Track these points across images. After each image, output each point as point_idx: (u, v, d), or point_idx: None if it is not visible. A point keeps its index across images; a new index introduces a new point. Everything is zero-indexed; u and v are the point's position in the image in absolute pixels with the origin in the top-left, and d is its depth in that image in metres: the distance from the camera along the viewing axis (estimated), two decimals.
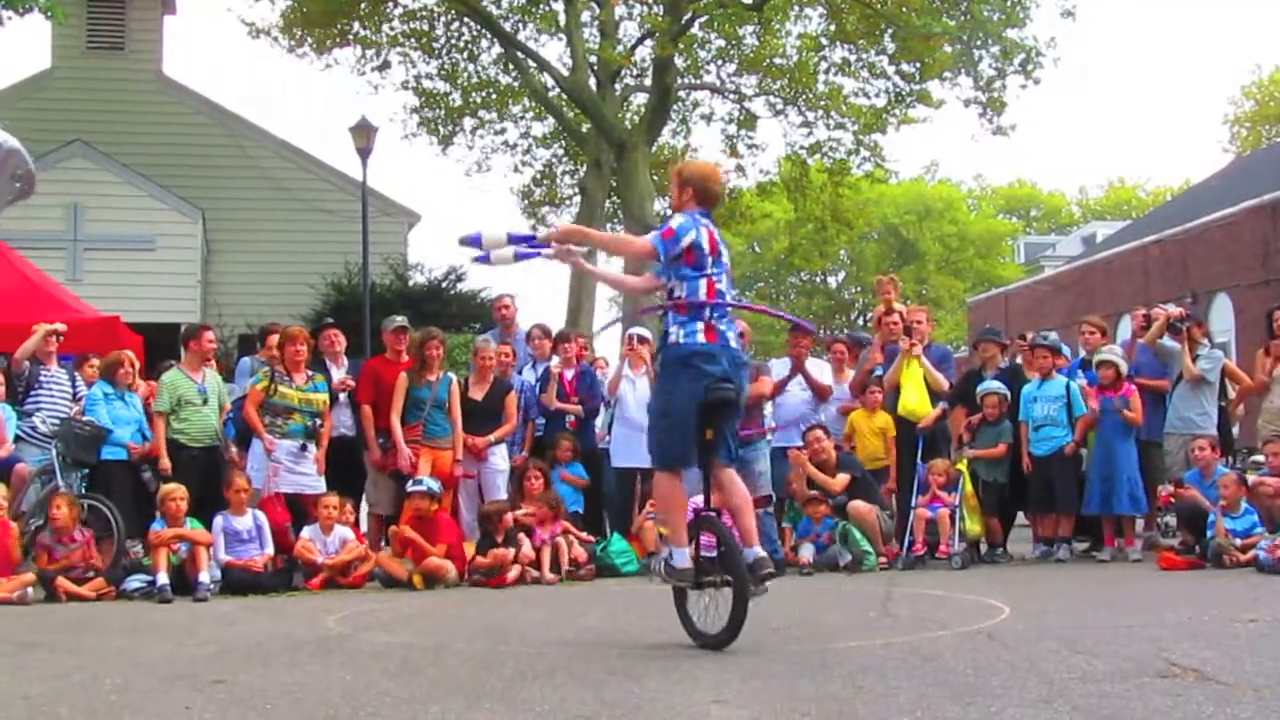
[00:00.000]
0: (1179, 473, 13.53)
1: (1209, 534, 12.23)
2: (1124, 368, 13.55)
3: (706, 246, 7.72)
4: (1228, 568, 11.78)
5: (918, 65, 28.59)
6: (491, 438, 13.36)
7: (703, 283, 7.69)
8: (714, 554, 7.94)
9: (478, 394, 13.50)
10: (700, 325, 7.62)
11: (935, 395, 13.88)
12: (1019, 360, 14.76)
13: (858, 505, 13.12)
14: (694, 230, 7.72)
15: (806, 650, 7.49)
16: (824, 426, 13.66)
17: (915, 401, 13.79)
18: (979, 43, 28.37)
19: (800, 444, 13.70)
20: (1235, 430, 14.83)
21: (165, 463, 12.50)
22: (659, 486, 8.26)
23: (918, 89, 29.68)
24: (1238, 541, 11.98)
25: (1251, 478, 12.66)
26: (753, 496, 12.75)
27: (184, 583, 11.35)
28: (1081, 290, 36.89)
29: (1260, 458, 13.21)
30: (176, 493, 11.74)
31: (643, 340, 14.35)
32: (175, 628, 9.36)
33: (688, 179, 8.10)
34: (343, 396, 13.48)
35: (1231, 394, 14.17)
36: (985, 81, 28.74)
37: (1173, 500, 13.83)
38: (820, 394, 14.15)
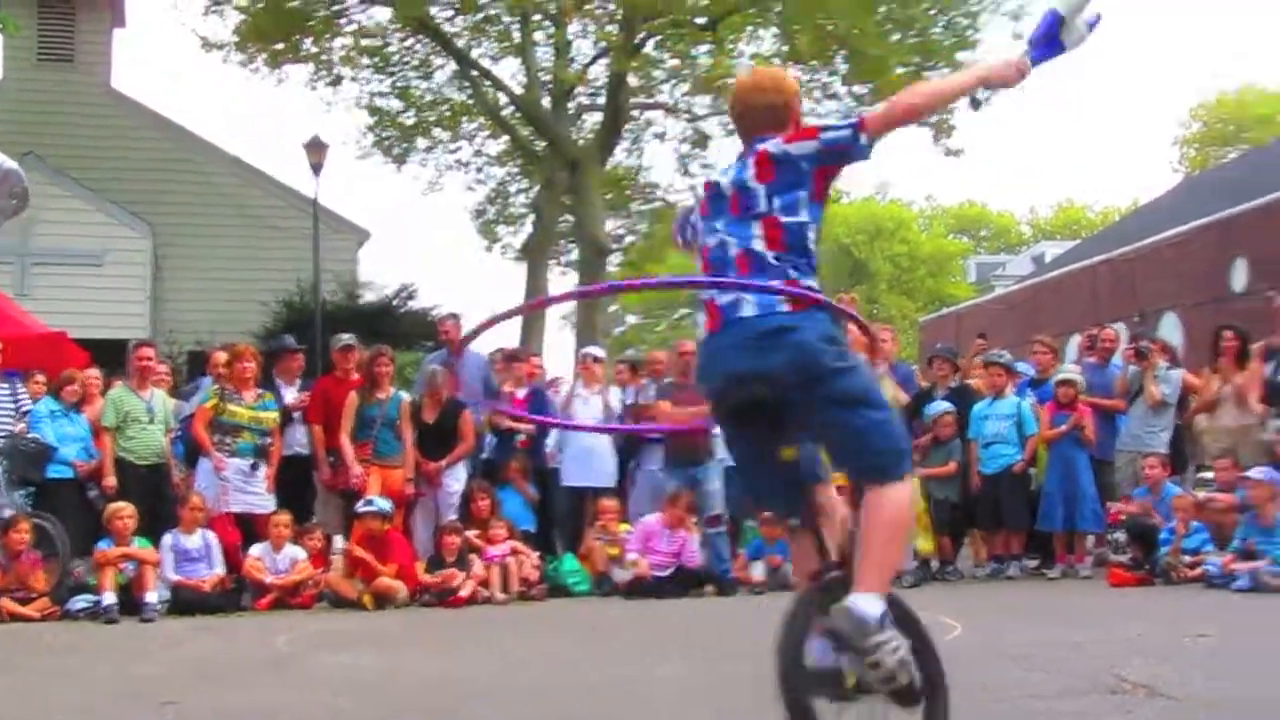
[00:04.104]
0: (1129, 489, 13.62)
1: (1159, 550, 12.29)
2: (1083, 386, 13.67)
3: (698, 209, 5.21)
4: (1177, 583, 11.86)
5: (870, 87, 28.67)
6: (444, 463, 13.28)
7: (698, 258, 5.13)
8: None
9: (430, 416, 13.42)
10: (702, 313, 4.92)
11: None
12: (969, 380, 14.80)
13: None
14: (702, 191, 5.26)
15: (760, 669, 7.47)
16: None
17: None
18: (930, 65, 28.49)
19: None
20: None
21: (111, 480, 12.38)
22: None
23: (870, 111, 29.78)
24: (1187, 558, 12.05)
25: (1201, 494, 12.74)
26: (705, 516, 12.88)
27: (131, 602, 11.22)
28: (1032, 309, 37.10)
29: (1209, 474, 13.30)
30: (124, 511, 11.61)
31: (596, 359, 14.36)
32: (123, 648, 9.29)
33: (730, 116, 5.61)
34: (297, 415, 13.40)
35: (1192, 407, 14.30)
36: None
37: (1122, 517, 13.89)
38: None
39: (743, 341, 4.64)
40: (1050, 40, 5.11)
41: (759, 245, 4.79)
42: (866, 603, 4.41)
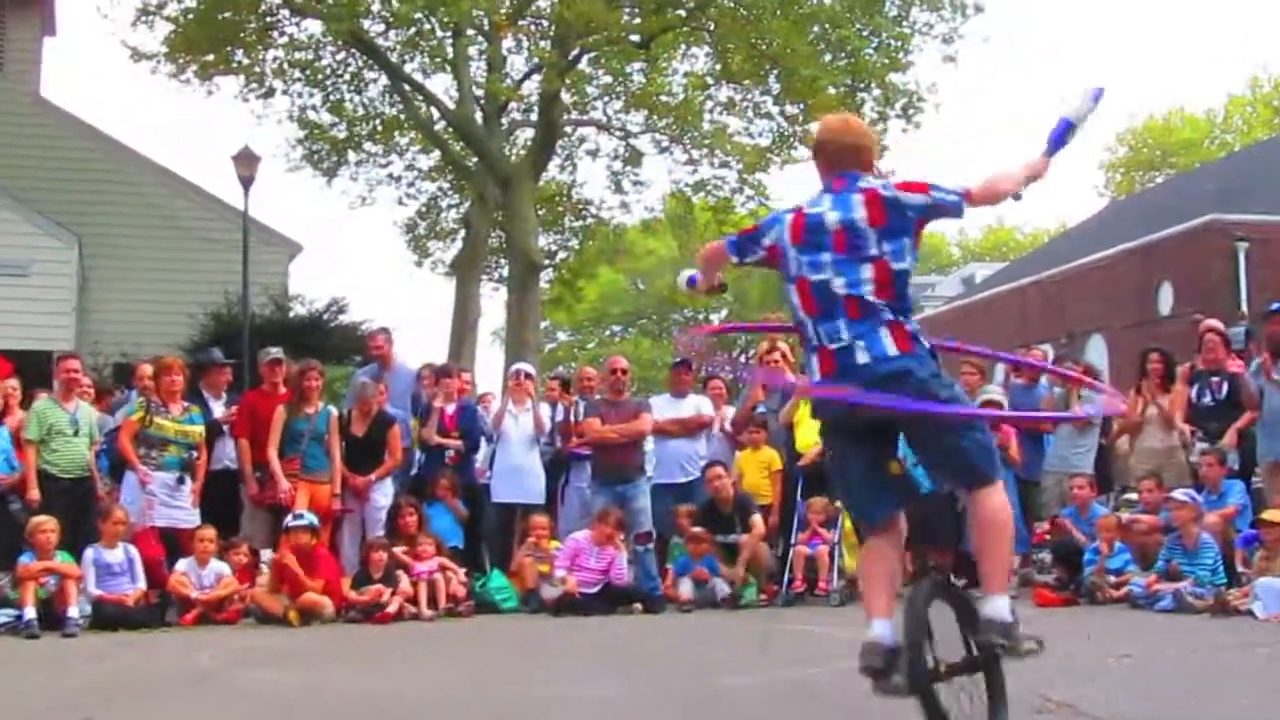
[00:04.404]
0: (1055, 510, 13.72)
1: (1084, 570, 12.38)
2: (1005, 406, 13.73)
3: (789, 241, 5.57)
4: (1102, 603, 11.94)
5: (802, 106, 28.82)
6: (373, 477, 13.22)
7: (794, 290, 5.55)
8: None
9: (359, 429, 13.35)
10: (814, 356, 5.47)
11: None
12: None
13: (752, 541, 13.17)
14: (777, 226, 5.67)
15: (688, 688, 7.48)
16: (723, 463, 13.69)
17: (812, 439, 13.82)
18: (862, 86, 28.68)
19: (682, 480, 13.76)
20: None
21: (34, 494, 12.22)
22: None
23: (801, 130, 29.91)
24: (1112, 578, 12.14)
25: (1126, 515, 12.84)
26: (634, 533, 12.89)
27: (52, 617, 11.07)
28: (961, 330, 37.27)
29: (1134, 495, 13.41)
30: (46, 524, 11.44)
31: (528, 375, 14.34)
32: (44, 663, 9.19)
33: (815, 151, 5.94)
34: (225, 429, 13.30)
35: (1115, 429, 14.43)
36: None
37: (1048, 537, 13.99)
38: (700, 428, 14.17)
39: (863, 385, 5.22)
40: (1062, 138, 5.91)
41: (869, 290, 5.34)
42: (1001, 607, 5.23)
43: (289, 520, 12.23)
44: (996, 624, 5.17)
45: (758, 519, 13.29)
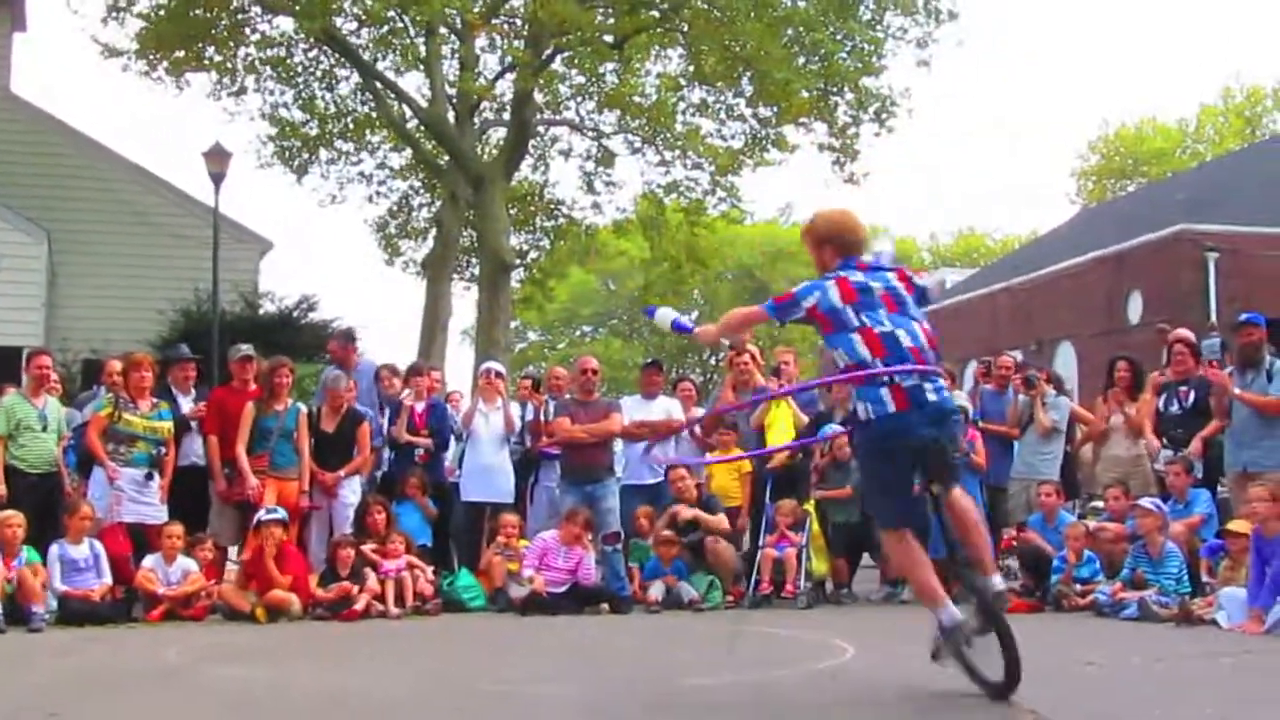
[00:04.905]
0: (1021, 516, 13.78)
1: (1051, 578, 12.42)
2: (970, 412, 13.77)
3: (839, 300, 6.80)
4: (1067, 611, 11.98)
5: (775, 109, 28.85)
6: (342, 473, 13.21)
7: (857, 337, 6.77)
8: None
9: (329, 426, 13.34)
10: (884, 390, 6.68)
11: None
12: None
13: (715, 543, 13.20)
14: (817, 292, 6.88)
15: (653, 688, 7.50)
16: (687, 465, 13.73)
17: (784, 441, 13.86)
18: (836, 90, 28.73)
19: (651, 481, 13.79)
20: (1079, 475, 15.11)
21: (1, 489, 12.17)
22: (891, 552, 7.36)
23: (774, 132, 29.95)
24: (1078, 586, 12.18)
25: (1092, 523, 12.88)
26: (602, 534, 12.92)
27: (17, 612, 11.02)
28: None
29: (1100, 503, 13.46)
30: (13, 519, 11.38)
31: (498, 375, 14.33)
32: (8, 659, 9.14)
33: (823, 236, 7.24)
34: (195, 424, 13.27)
35: (1079, 437, 14.49)
36: (840, 128, 29.08)
37: (1015, 544, 14.03)
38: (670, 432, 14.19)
39: (930, 418, 6.67)
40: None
41: (924, 340, 6.84)
42: (998, 581, 7.00)
43: (261, 514, 12.21)
44: (1003, 595, 6.95)
45: (722, 518, 13.33)
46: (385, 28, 29.22)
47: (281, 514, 12.24)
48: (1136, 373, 13.86)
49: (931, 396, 6.71)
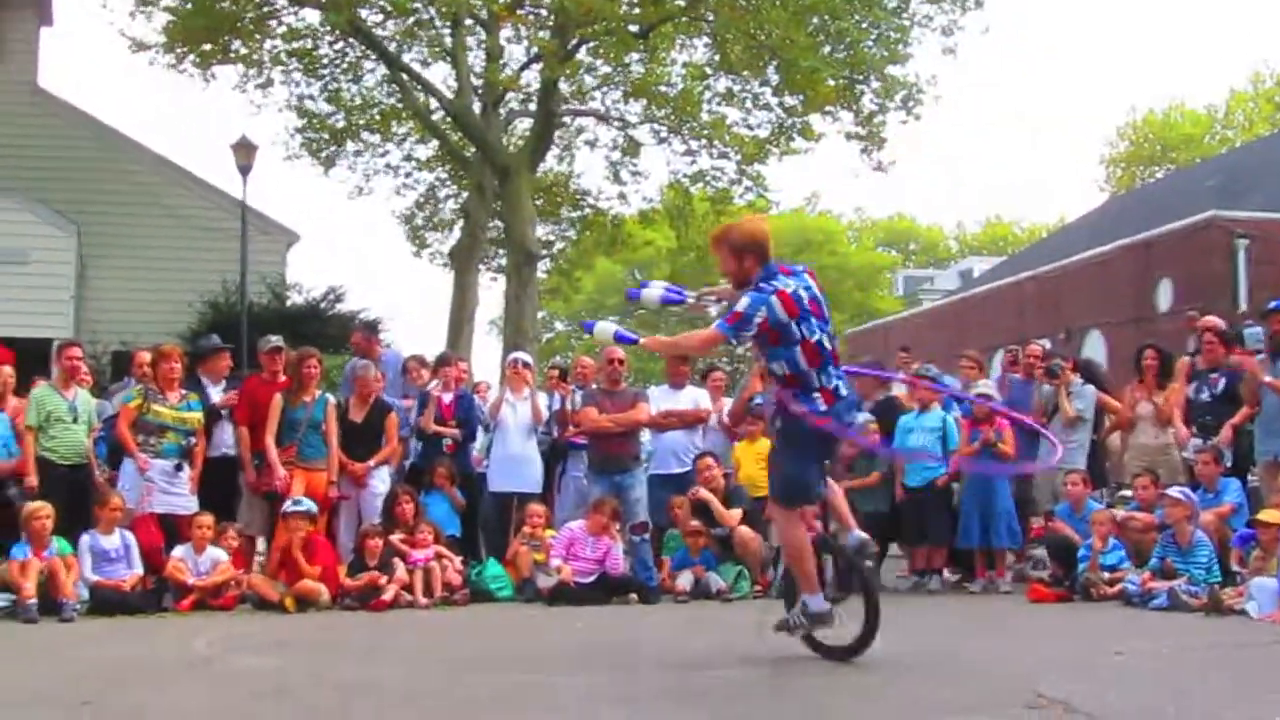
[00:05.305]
0: (1049, 505, 13.73)
1: (1079, 567, 12.38)
2: (997, 400, 13.71)
3: (784, 315, 7.38)
4: (1096, 600, 11.95)
5: (801, 98, 28.77)
6: (371, 463, 13.25)
7: (798, 350, 7.46)
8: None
9: (357, 416, 13.39)
10: (816, 394, 7.54)
11: None
12: (894, 392, 14.89)
13: (743, 532, 13.18)
14: (764, 307, 7.35)
15: (677, 678, 7.50)
16: (714, 454, 13.71)
17: None
18: (861, 78, 28.63)
19: (678, 470, 13.78)
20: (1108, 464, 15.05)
21: (33, 480, 12.23)
22: (786, 527, 7.95)
23: (800, 121, 29.88)
24: (1106, 575, 12.15)
25: (1120, 513, 12.84)
26: (630, 523, 12.92)
27: (50, 602, 11.07)
28: (958, 324, 37.30)
29: (1128, 492, 13.42)
30: (42, 511, 11.42)
31: (526, 365, 14.34)
32: (41, 648, 9.20)
33: (743, 247, 7.67)
34: (225, 412, 13.31)
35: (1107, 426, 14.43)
36: (866, 116, 29.00)
37: (1043, 533, 14.00)
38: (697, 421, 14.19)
39: (848, 409, 7.85)
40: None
41: (835, 343, 7.69)
42: (861, 534, 8.19)
43: (287, 506, 12.27)
44: (867, 544, 8.21)
45: (736, 513, 13.29)
46: (411, 19, 29.22)
47: (306, 505, 12.28)
48: (1164, 361, 13.81)
49: (845, 391, 7.73)
